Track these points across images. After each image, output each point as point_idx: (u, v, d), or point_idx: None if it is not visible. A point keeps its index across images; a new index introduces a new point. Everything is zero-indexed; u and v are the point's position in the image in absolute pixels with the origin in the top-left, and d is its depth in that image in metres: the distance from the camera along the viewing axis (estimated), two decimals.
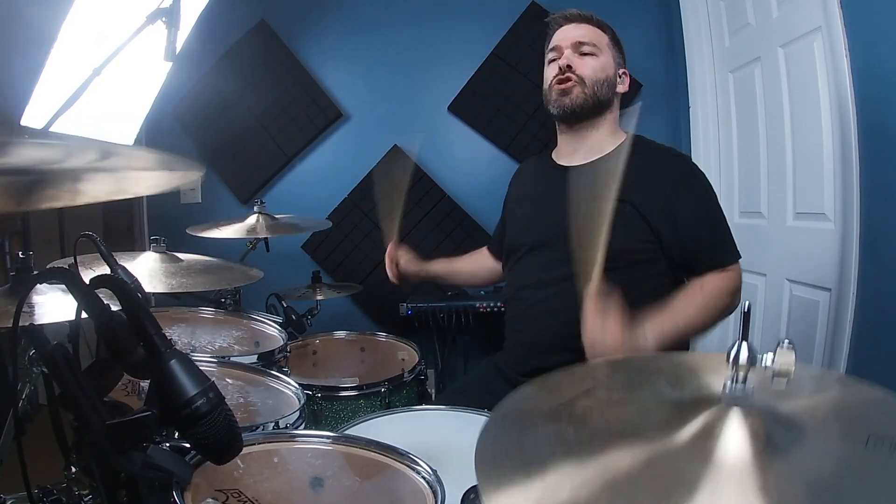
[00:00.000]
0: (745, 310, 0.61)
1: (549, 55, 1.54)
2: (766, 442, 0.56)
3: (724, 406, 0.59)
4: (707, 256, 1.36)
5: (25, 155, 0.57)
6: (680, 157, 1.49)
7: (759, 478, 0.53)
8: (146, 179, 0.80)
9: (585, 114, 1.47)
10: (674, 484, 0.53)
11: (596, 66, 1.46)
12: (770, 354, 0.59)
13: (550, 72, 1.51)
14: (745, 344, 0.59)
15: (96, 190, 0.72)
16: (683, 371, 0.74)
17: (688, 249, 1.37)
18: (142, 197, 2.92)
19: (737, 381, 0.59)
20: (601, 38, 1.50)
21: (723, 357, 0.60)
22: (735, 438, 0.56)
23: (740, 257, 1.39)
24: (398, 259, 1.77)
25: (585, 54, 1.47)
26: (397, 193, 1.77)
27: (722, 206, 1.44)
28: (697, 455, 0.56)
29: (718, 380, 0.63)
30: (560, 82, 1.46)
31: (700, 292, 1.33)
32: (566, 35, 1.50)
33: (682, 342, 1.33)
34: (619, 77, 1.51)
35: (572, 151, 1.53)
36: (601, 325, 1.15)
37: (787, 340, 0.59)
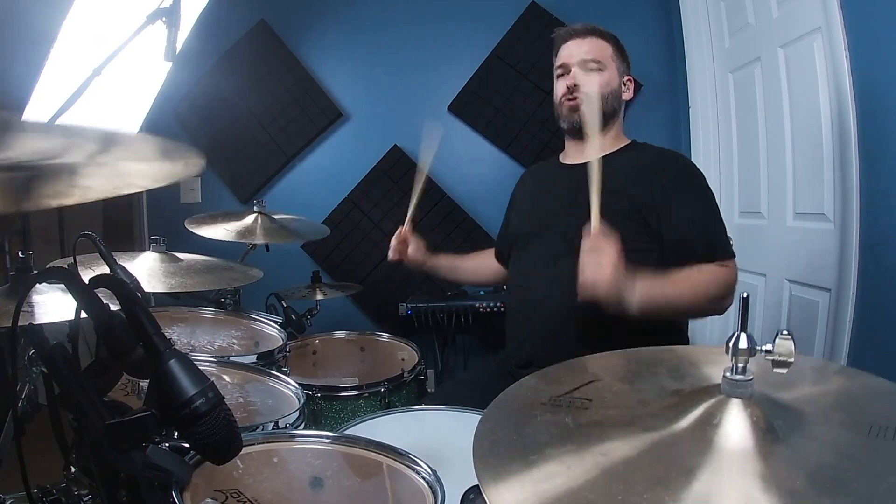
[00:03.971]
0: (744, 297, 0.61)
1: (557, 71, 1.57)
2: (766, 430, 0.56)
3: (724, 396, 0.59)
4: (701, 253, 1.37)
5: (23, 148, 0.56)
6: (678, 156, 1.51)
7: (760, 464, 0.53)
8: (147, 171, 0.79)
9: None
10: (672, 470, 0.53)
11: (601, 81, 1.50)
12: (769, 345, 0.59)
13: (559, 88, 1.55)
14: (743, 335, 0.59)
15: (96, 186, 0.71)
16: (685, 363, 0.74)
17: (682, 245, 1.38)
18: (141, 196, 2.92)
19: (736, 372, 0.59)
20: (605, 51, 1.52)
21: (723, 350, 0.60)
22: (736, 427, 0.56)
23: (735, 256, 1.38)
24: (408, 241, 1.76)
25: (591, 70, 1.51)
26: (419, 181, 1.73)
27: (722, 206, 1.44)
28: (697, 442, 0.56)
29: (719, 371, 0.63)
30: (570, 99, 1.52)
31: (696, 272, 1.33)
32: (572, 52, 1.53)
33: (666, 313, 1.34)
34: (625, 85, 1.55)
35: (577, 154, 1.57)
36: (597, 260, 1.17)
37: (785, 331, 0.59)
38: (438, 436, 1.15)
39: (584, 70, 1.51)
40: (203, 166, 0.74)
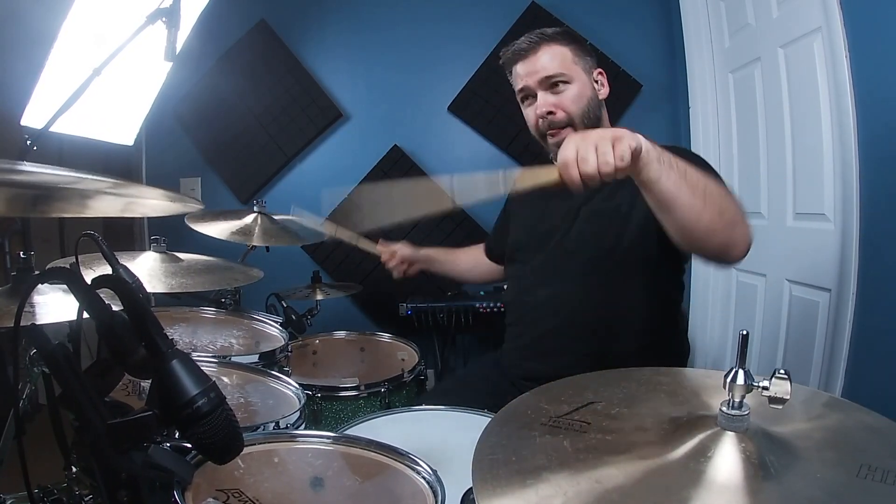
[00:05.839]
0: (743, 335, 0.62)
1: (520, 95, 1.43)
2: (758, 466, 0.57)
3: (720, 429, 0.60)
4: None
5: (36, 175, 0.57)
6: (686, 151, 1.40)
7: (749, 501, 0.54)
8: (151, 204, 0.82)
9: None
10: (664, 501, 0.54)
11: (574, 95, 1.35)
12: (766, 381, 0.60)
13: (530, 117, 1.42)
14: (741, 371, 0.60)
15: (102, 207, 0.73)
16: (683, 389, 0.75)
17: None
18: None
19: (732, 407, 0.60)
20: (564, 57, 1.35)
21: (721, 374, 0.61)
22: (728, 461, 0.57)
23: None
24: (395, 251, 1.77)
25: (558, 86, 1.35)
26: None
27: None
28: (690, 474, 0.56)
29: (716, 398, 0.64)
30: (553, 134, 1.37)
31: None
32: (529, 71, 1.37)
33: (677, 187, 1.06)
34: (597, 83, 1.40)
35: None
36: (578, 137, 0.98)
37: (782, 370, 0.60)
38: (438, 436, 1.15)
39: (550, 90, 1.36)
40: (202, 208, 0.79)
